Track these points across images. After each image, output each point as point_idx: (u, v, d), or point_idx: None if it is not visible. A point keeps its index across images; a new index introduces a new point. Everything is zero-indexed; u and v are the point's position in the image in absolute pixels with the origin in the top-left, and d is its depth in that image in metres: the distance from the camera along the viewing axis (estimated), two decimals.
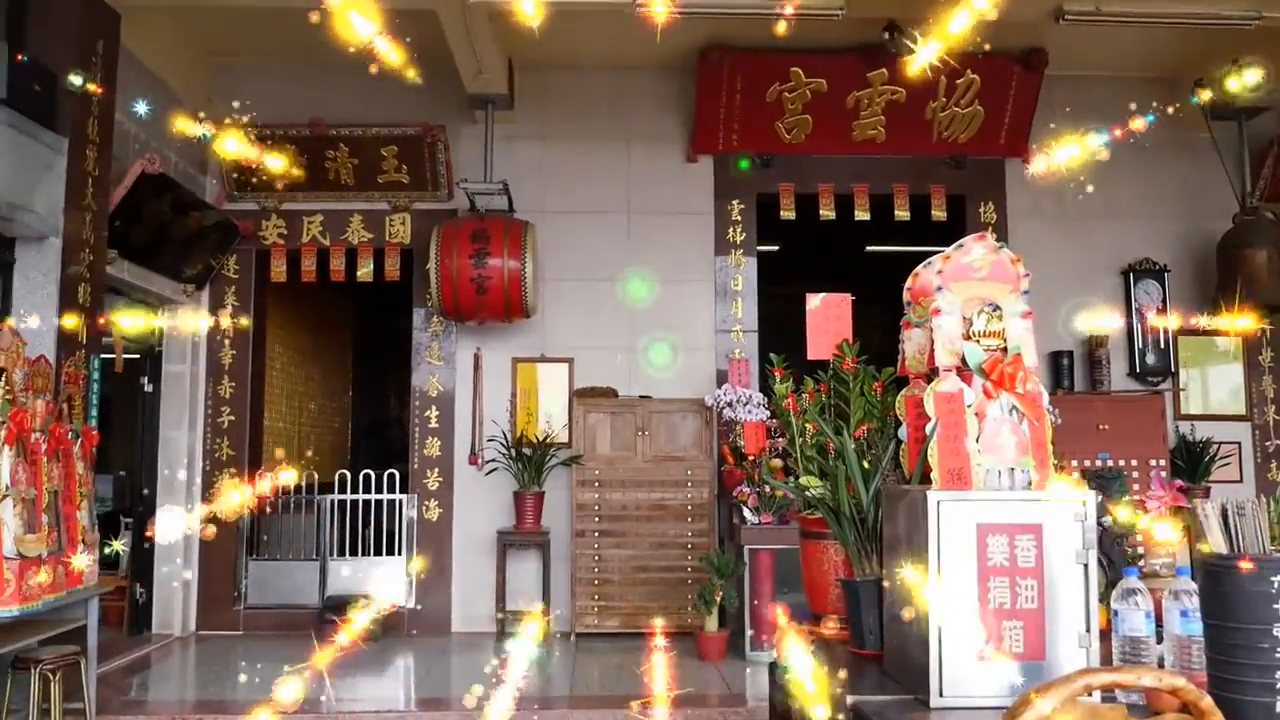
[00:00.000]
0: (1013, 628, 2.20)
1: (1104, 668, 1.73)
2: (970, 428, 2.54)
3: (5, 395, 4.70)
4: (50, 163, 5.80)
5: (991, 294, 2.80)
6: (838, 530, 2.94)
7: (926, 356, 2.82)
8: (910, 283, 2.97)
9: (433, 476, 8.43)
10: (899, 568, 2.48)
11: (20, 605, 4.60)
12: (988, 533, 2.23)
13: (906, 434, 2.84)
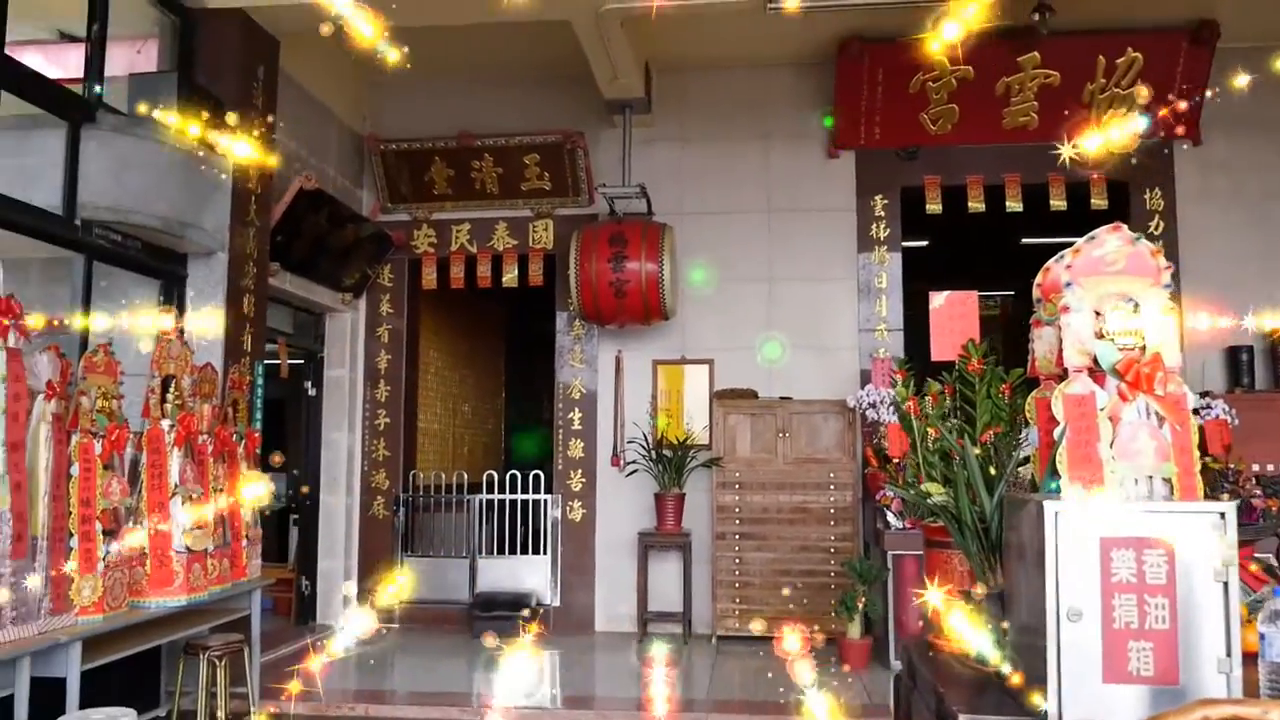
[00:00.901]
0: (1140, 649, 2.04)
1: (1227, 698, 1.58)
2: (1103, 432, 2.38)
3: (175, 401, 5.06)
4: (217, 183, 6.21)
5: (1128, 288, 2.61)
6: (959, 539, 2.81)
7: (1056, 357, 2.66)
8: (1040, 278, 2.81)
9: (576, 477, 8.57)
10: (1019, 581, 2.34)
11: (188, 595, 4.94)
12: (1112, 546, 2.08)
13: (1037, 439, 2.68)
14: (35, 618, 4.10)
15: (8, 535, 3.95)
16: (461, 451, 11.07)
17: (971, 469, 2.80)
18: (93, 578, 4.40)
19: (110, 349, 4.75)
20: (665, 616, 8.08)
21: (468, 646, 7.82)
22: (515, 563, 8.60)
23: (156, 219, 5.65)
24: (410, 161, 8.63)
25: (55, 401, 4.30)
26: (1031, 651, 2.18)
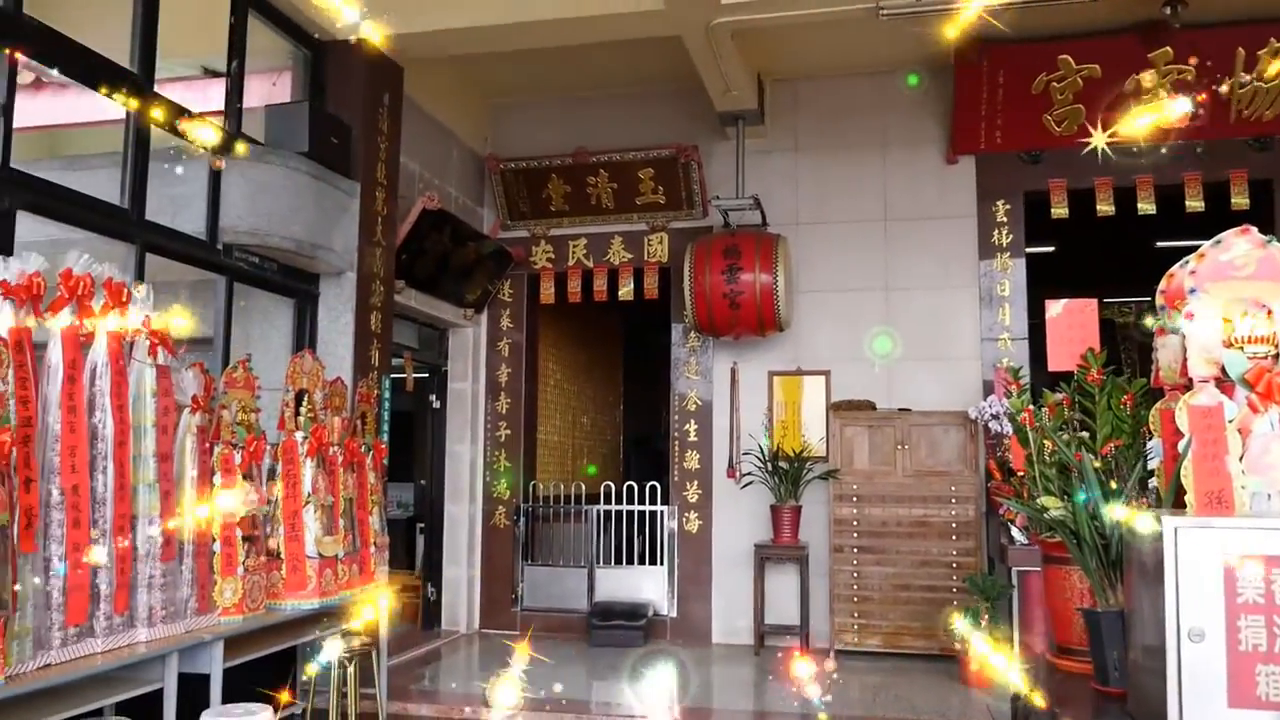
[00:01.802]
0: (1270, 674, 1.95)
1: None
2: (1232, 445, 2.29)
3: (307, 414, 5.33)
4: (346, 205, 6.51)
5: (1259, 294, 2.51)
6: (1078, 555, 2.73)
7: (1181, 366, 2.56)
8: (1164, 284, 2.71)
9: (692, 489, 8.60)
10: (1140, 600, 2.27)
11: (320, 599, 5.18)
12: (1238, 564, 2.00)
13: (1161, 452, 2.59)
14: (182, 617, 4.37)
15: (158, 539, 4.23)
16: (580, 462, 11.24)
17: (1090, 483, 2.72)
18: (233, 580, 4.66)
19: (249, 365, 5.03)
20: (783, 629, 8.02)
21: (585, 654, 7.93)
22: (633, 573, 8.68)
23: (291, 241, 5.96)
24: (528, 179, 8.86)
25: (200, 415, 4.58)
26: (1152, 674, 2.10)
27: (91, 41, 5.00)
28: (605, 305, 9.37)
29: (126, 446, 4.13)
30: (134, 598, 4.13)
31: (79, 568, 3.85)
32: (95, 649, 3.92)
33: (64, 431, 3.86)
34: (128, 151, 5.22)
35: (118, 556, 4.02)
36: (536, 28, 6.63)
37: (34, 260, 3.79)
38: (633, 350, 13.31)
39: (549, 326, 10.12)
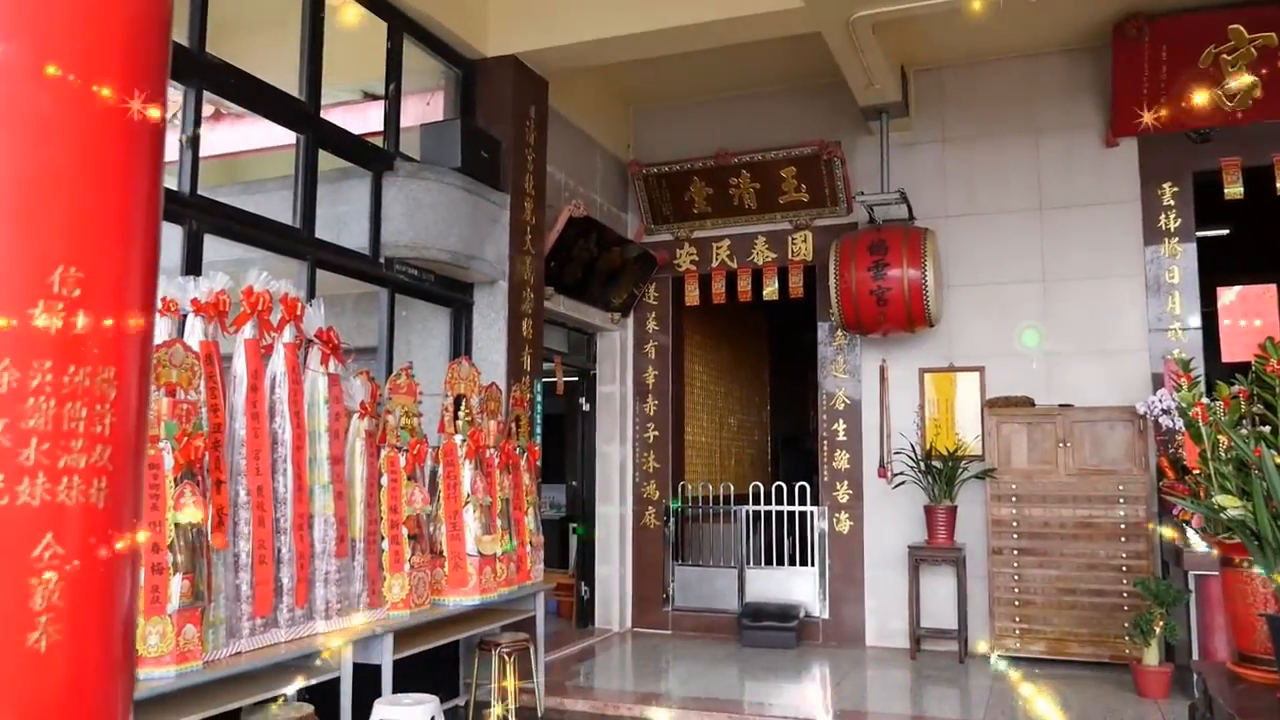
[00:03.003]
0: None
1: None
2: None
3: (465, 418, 5.56)
4: (497, 217, 6.76)
5: None
6: (1259, 557, 2.59)
7: None
8: None
9: (842, 489, 8.50)
10: None
11: (480, 596, 5.40)
12: None
13: None
14: (355, 610, 4.65)
15: (333, 537, 4.51)
16: (728, 463, 11.26)
17: (1271, 480, 2.57)
18: (401, 577, 4.92)
19: (410, 372, 5.30)
20: (939, 633, 7.83)
21: (738, 655, 7.95)
22: (783, 574, 8.64)
23: (446, 253, 6.24)
24: (671, 183, 8.95)
25: (367, 420, 4.86)
26: None
27: (264, 73, 5.37)
28: (750, 305, 9.37)
29: (303, 450, 4.43)
30: (312, 592, 4.42)
31: (264, 563, 4.15)
32: (279, 638, 4.22)
33: (249, 437, 4.17)
34: (298, 174, 5.58)
35: (298, 553, 4.31)
36: (677, 33, 6.71)
37: (220, 279, 4.12)
38: (779, 349, 13.24)
39: (694, 328, 10.19)
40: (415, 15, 6.36)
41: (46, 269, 1.07)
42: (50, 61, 1.09)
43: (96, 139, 1.14)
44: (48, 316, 1.06)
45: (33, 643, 1.04)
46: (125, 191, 1.18)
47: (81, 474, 1.09)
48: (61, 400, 1.07)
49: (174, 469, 3.58)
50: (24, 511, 1.04)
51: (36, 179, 1.08)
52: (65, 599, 1.07)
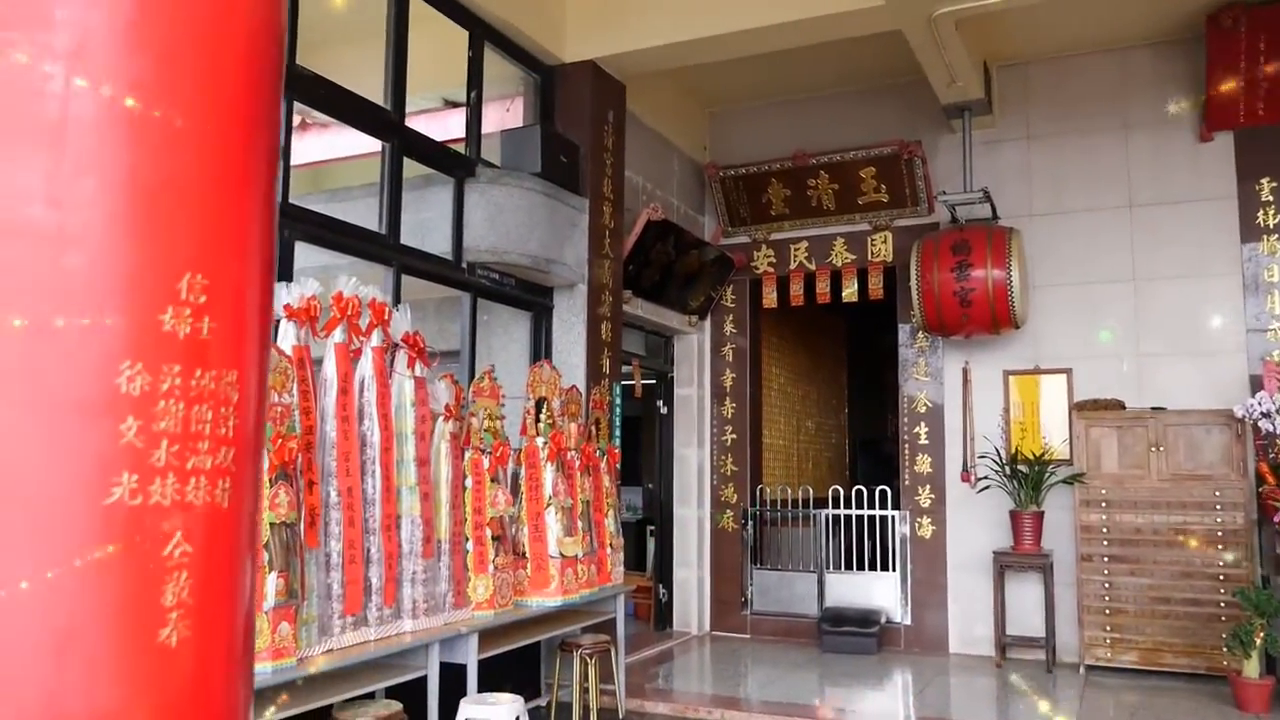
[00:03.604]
0: None
1: None
2: None
3: (546, 420, 5.62)
4: (576, 221, 6.81)
5: None
6: None
7: None
8: None
9: (924, 493, 8.36)
10: None
11: (562, 597, 5.44)
12: None
13: None
14: (441, 610, 4.73)
15: (419, 538, 4.59)
16: (806, 466, 11.17)
17: None
18: (485, 577, 4.99)
19: (493, 375, 5.37)
20: (1025, 641, 7.65)
21: (818, 660, 7.88)
22: (863, 578, 8.54)
23: (527, 257, 6.31)
24: (748, 185, 8.92)
25: (452, 423, 4.94)
26: None
27: (351, 84, 5.50)
28: (827, 307, 9.29)
29: (391, 452, 4.52)
30: (400, 591, 4.51)
31: (354, 562, 4.25)
32: (369, 637, 4.31)
33: (339, 439, 4.27)
34: (384, 181, 5.70)
35: (386, 553, 4.40)
36: (756, 34, 6.69)
37: (311, 285, 4.23)
38: (856, 352, 13.09)
39: (771, 330, 10.13)
40: (496, 23, 6.45)
41: (175, 276, 1.11)
42: (179, 76, 1.14)
43: (220, 151, 1.18)
44: (176, 322, 1.11)
45: (164, 638, 1.08)
46: (245, 201, 1.22)
47: (208, 475, 1.13)
48: (189, 403, 1.11)
49: (269, 470, 3.68)
50: (156, 511, 1.09)
51: (164, 189, 1.12)
52: (193, 596, 1.11)
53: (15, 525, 1.01)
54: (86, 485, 1.04)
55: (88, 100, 1.07)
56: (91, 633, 1.04)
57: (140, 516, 1.07)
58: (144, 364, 1.08)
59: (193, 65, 1.15)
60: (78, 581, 1.03)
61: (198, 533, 1.12)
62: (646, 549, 9.61)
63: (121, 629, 1.06)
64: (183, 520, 1.11)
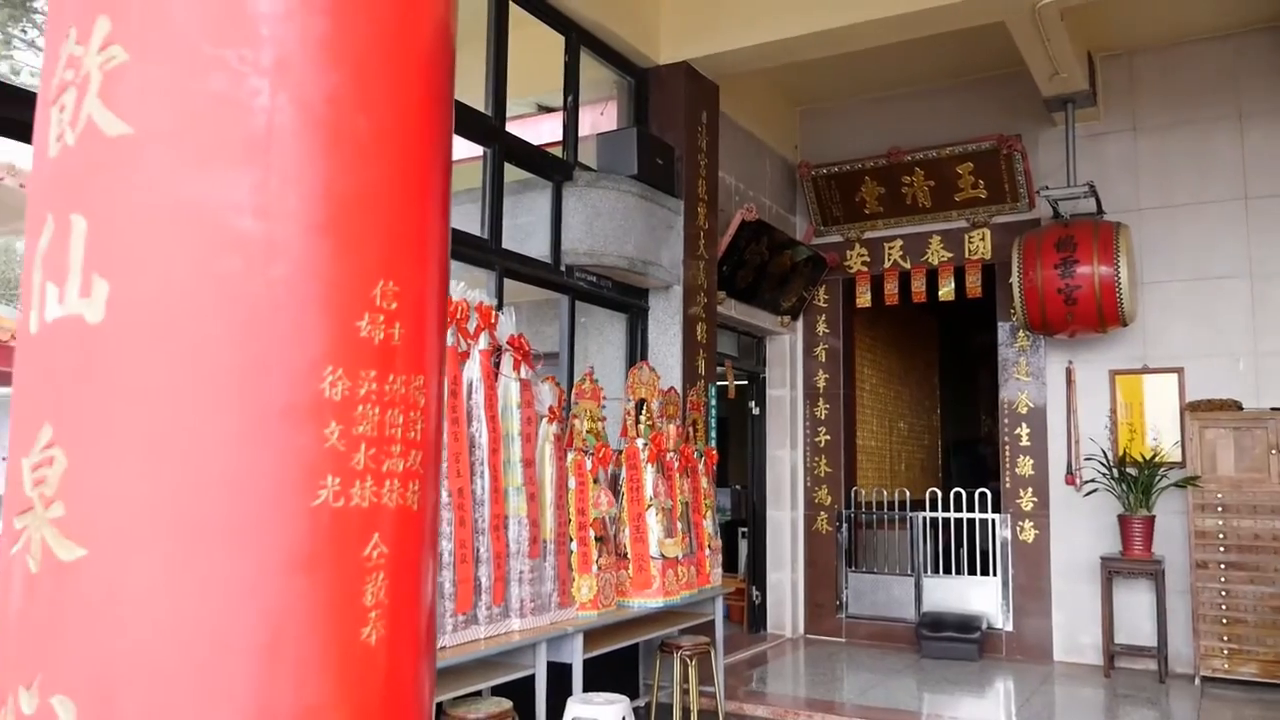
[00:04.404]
0: None
1: None
2: None
3: (646, 421, 5.63)
4: (671, 223, 6.82)
5: None
6: None
7: None
8: None
9: (1026, 496, 8.15)
10: None
11: (664, 599, 5.45)
12: None
13: None
14: (547, 610, 4.77)
15: (526, 538, 4.64)
16: (899, 468, 11.00)
17: None
18: (589, 577, 5.02)
19: (594, 377, 5.40)
20: (1135, 651, 7.40)
21: (915, 665, 7.74)
22: (962, 583, 8.36)
23: (624, 260, 6.33)
24: (840, 183, 8.81)
25: (555, 424, 4.98)
26: None
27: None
28: (919, 307, 9.13)
29: (498, 453, 4.58)
30: (508, 590, 4.56)
31: (465, 561, 4.32)
32: (479, 635, 4.37)
33: (450, 440, 4.34)
34: (486, 187, 5.78)
35: (494, 552, 4.46)
36: (854, 31, 6.60)
37: None
38: (949, 352, 12.85)
39: (863, 331, 10.00)
40: (591, 27, 6.49)
41: (370, 283, 1.14)
42: (370, 88, 1.16)
43: (404, 160, 1.21)
44: (371, 328, 1.13)
45: (365, 637, 1.11)
46: (427, 209, 1.25)
47: (400, 477, 1.16)
48: (384, 408, 1.14)
49: None
50: (355, 513, 1.11)
51: (358, 198, 1.15)
52: (389, 596, 1.14)
53: (230, 528, 1.05)
54: (295, 488, 1.07)
55: (290, 113, 1.10)
56: (299, 632, 1.07)
57: (343, 519, 1.10)
58: (344, 369, 1.11)
59: (381, 77, 1.18)
60: (287, 582, 1.06)
61: (392, 534, 1.15)
62: (738, 551, 9.56)
63: (327, 628, 1.09)
64: (379, 522, 1.14)
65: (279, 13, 1.09)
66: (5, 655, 1.09)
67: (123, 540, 1.03)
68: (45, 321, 1.10)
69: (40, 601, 1.07)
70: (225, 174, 1.07)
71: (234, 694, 1.04)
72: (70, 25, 1.12)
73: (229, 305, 1.06)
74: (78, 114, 1.10)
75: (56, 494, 1.06)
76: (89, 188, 1.08)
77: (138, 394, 1.05)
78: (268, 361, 1.07)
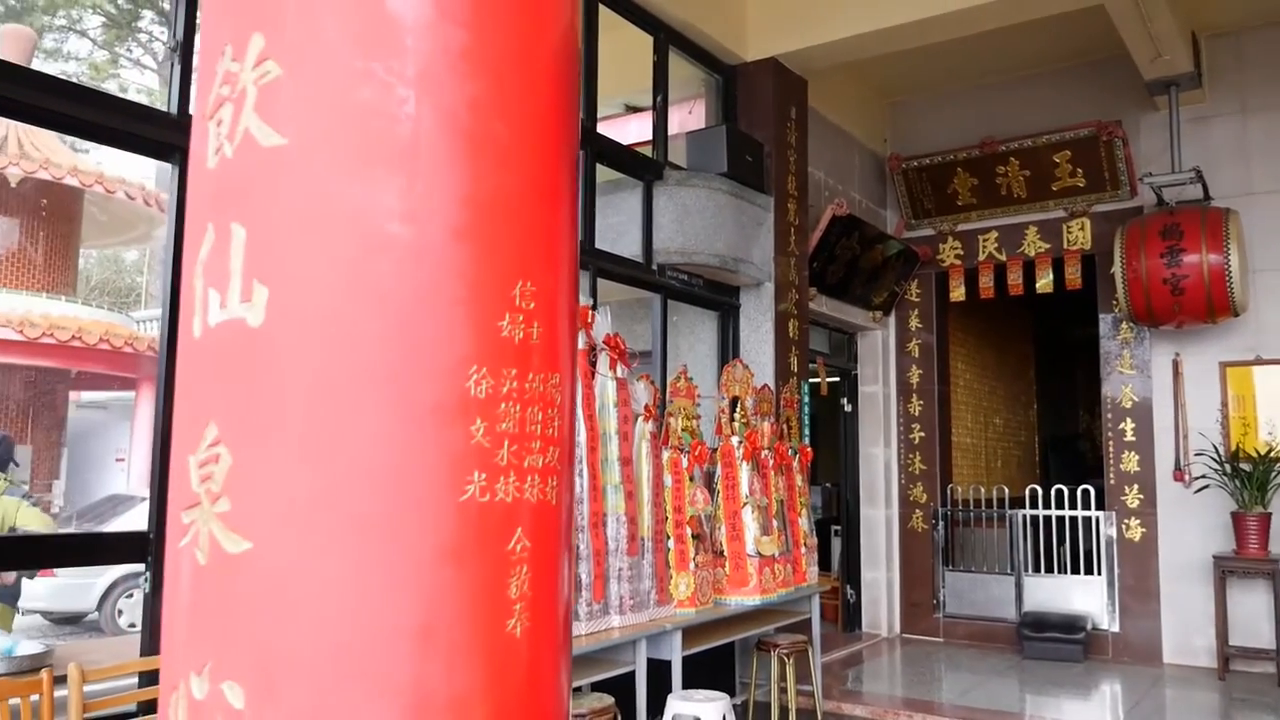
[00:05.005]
0: None
1: None
2: None
3: (741, 419, 5.62)
4: (761, 219, 6.79)
5: None
6: None
7: None
8: None
9: (1131, 493, 7.89)
10: None
11: (760, 596, 5.43)
12: None
13: None
14: (646, 607, 4.80)
15: (624, 536, 4.68)
16: (995, 465, 10.76)
17: None
18: (686, 575, 5.04)
19: (689, 375, 5.42)
20: (1252, 653, 7.11)
21: (1017, 666, 7.57)
22: (1064, 582, 8.14)
23: (715, 257, 6.33)
24: (932, 176, 8.66)
25: (651, 422, 5.01)
26: None
27: None
28: (1014, 300, 8.91)
29: (596, 451, 4.63)
30: (607, 588, 4.61)
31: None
32: (579, 631, 4.43)
33: None
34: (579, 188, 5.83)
35: (594, 550, 4.51)
36: (946, 20, 6.48)
37: None
38: (1046, 345, 12.52)
39: (956, 325, 9.81)
40: (679, 26, 6.51)
41: (510, 284, 1.17)
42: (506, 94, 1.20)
43: (537, 163, 1.24)
44: (512, 328, 1.16)
45: (510, 629, 1.14)
46: (558, 210, 1.28)
47: (540, 473, 1.18)
48: (524, 405, 1.17)
49: None
50: (500, 507, 1.15)
51: (497, 201, 1.18)
52: (532, 589, 1.17)
53: (385, 521, 1.09)
54: (444, 483, 1.11)
55: (433, 121, 1.14)
56: (450, 622, 1.11)
57: (489, 513, 1.14)
58: (488, 368, 1.14)
59: (517, 84, 1.21)
60: (438, 574, 1.10)
61: (533, 528, 1.18)
62: (830, 549, 9.46)
63: (475, 619, 1.12)
64: (522, 516, 1.17)
65: (422, 25, 1.13)
66: (176, 642, 1.15)
67: (286, 533, 1.08)
68: (208, 326, 1.16)
69: (208, 592, 1.12)
70: (375, 181, 1.11)
71: (391, 681, 1.08)
72: (226, 43, 1.18)
73: (381, 307, 1.10)
74: (235, 127, 1.15)
75: (222, 489, 1.11)
76: (247, 198, 1.14)
77: (297, 393, 1.10)
78: (417, 361, 1.10)
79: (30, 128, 11.55)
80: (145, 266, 21.04)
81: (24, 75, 3.70)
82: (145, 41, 20.77)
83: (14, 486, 5.04)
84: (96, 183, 12.03)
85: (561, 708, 1.25)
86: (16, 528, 4.89)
